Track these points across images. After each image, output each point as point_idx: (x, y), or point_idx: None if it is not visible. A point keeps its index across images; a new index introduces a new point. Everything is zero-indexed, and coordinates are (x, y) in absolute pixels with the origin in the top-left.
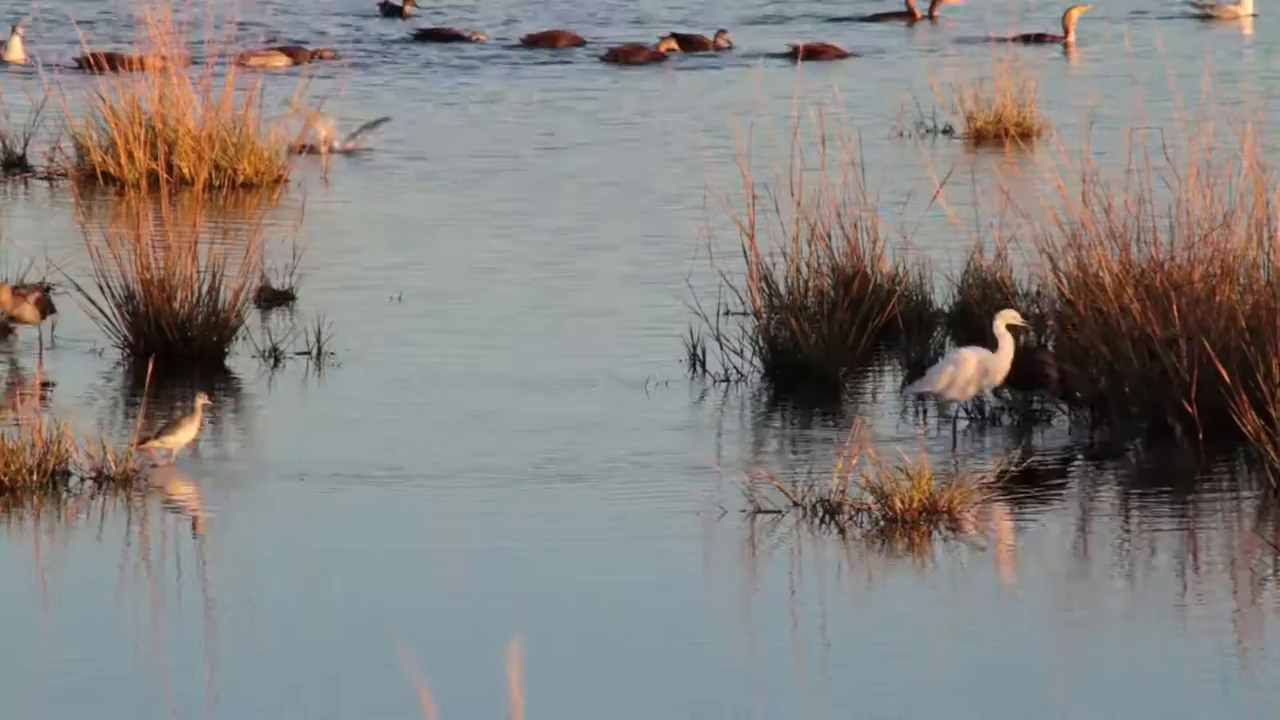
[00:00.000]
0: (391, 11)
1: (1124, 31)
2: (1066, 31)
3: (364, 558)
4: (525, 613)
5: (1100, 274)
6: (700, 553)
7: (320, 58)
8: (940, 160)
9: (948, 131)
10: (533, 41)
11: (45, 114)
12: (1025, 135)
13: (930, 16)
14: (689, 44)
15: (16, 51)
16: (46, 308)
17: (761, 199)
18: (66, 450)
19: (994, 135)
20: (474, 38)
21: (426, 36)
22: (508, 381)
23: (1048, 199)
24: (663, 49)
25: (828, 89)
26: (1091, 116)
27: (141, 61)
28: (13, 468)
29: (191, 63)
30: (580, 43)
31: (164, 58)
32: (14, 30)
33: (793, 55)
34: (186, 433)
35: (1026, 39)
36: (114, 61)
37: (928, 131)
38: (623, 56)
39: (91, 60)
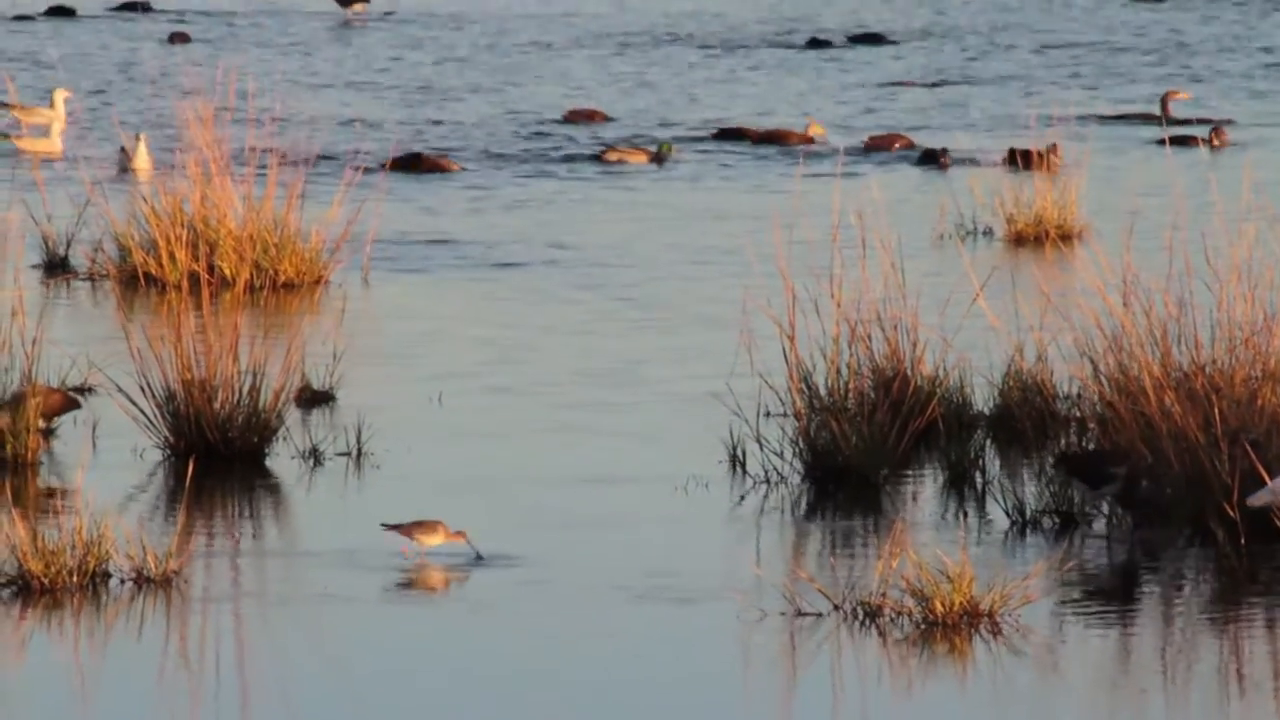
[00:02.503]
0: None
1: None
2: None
3: (402, 666)
4: (561, 715)
5: (1141, 376)
6: (740, 655)
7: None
8: (981, 262)
9: (988, 234)
10: (760, 138)
11: (87, 215)
12: (1066, 237)
13: (1212, 144)
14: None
15: (143, 159)
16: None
17: (802, 301)
18: (107, 551)
19: (1034, 237)
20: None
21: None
22: (546, 482)
23: (1088, 301)
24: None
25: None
26: (1131, 219)
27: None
28: (53, 569)
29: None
30: (809, 140)
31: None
32: (138, 138)
33: (1010, 160)
34: (438, 534)
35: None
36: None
37: (968, 234)
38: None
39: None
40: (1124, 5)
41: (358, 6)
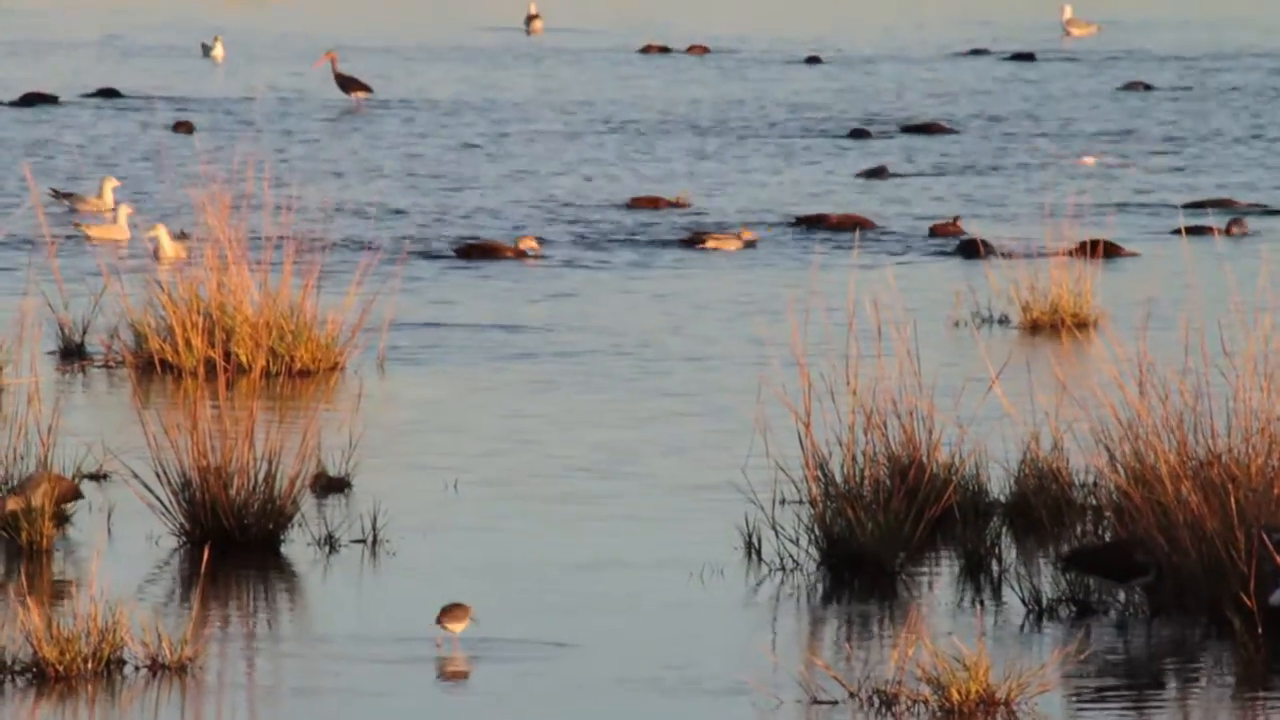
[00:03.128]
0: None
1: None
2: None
3: None
4: None
5: (1157, 465)
6: None
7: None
8: (996, 350)
9: (1004, 321)
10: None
11: (104, 302)
12: (1081, 325)
13: (1229, 233)
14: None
15: (167, 247)
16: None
17: (818, 388)
18: (122, 639)
19: (1050, 325)
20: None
21: (809, 222)
22: (560, 569)
23: (1104, 389)
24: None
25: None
26: (1147, 308)
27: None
28: (68, 656)
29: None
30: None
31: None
32: (155, 227)
33: (1083, 250)
34: (466, 618)
35: None
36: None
37: (984, 321)
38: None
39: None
40: (1119, 92)
41: (360, 93)
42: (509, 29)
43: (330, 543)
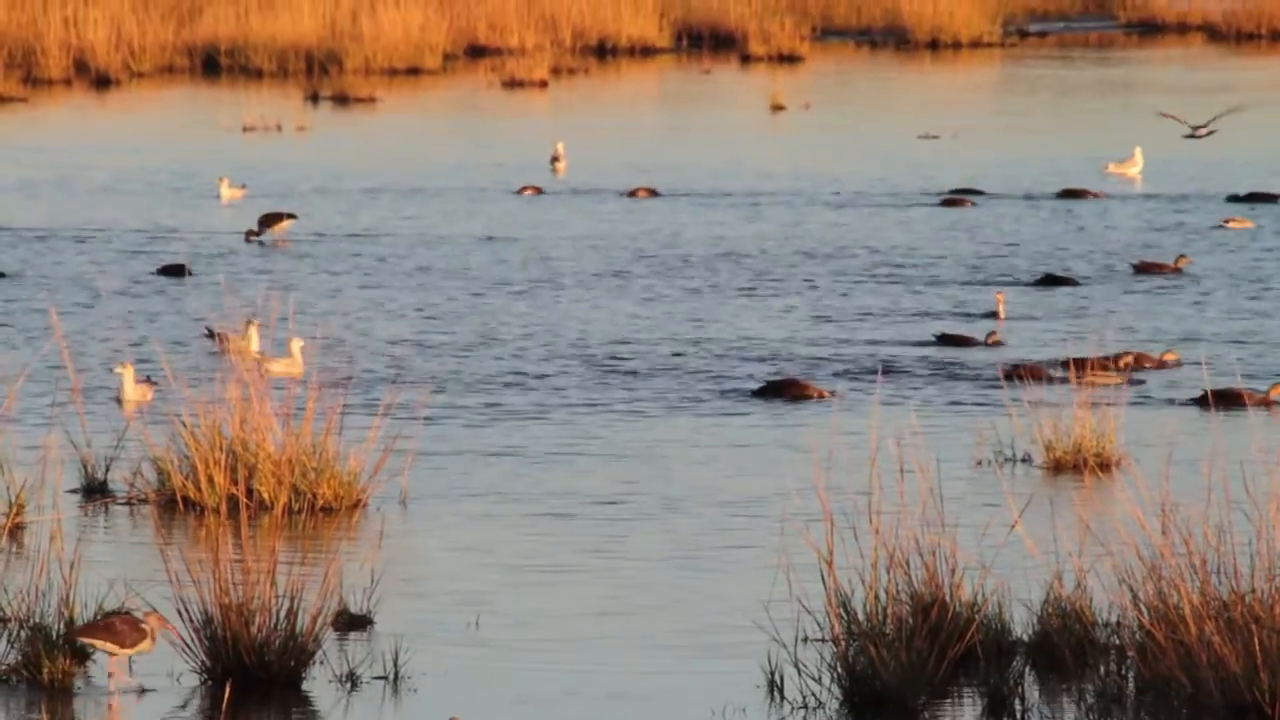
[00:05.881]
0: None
1: None
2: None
3: None
4: None
5: (1180, 605)
6: None
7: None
8: (1019, 489)
9: (1026, 460)
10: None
11: (127, 440)
12: (1104, 465)
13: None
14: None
15: (130, 390)
16: None
17: (840, 526)
18: None
19: (1073, 465)
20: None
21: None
22: (582, 707)
23: (1127, 529)
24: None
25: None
26: (1170, 448)
27: None
28: None
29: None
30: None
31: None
32: (124, 366)
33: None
34: None
35: None
36: None
37: (1006, 460)
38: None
39: None
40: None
41: (283, 224)
42: (531, 168)
43: (352, 680)
